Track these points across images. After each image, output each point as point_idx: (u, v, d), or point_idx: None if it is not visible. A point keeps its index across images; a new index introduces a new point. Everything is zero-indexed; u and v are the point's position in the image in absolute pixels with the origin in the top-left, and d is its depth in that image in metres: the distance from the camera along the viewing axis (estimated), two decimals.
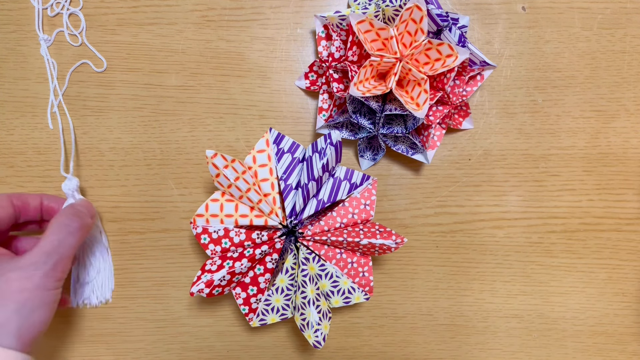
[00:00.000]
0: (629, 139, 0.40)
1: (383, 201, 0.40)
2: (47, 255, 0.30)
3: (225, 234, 0.34)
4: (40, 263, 0.29)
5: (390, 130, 0.36)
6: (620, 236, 0.40)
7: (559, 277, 0.41)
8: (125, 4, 0.40)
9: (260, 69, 0.40)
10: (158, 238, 0.40)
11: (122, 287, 0.40)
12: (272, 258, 0.35)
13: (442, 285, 0.41)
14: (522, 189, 0.40)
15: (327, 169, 0.34)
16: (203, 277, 0.33)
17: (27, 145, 0.40)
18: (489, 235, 0.40)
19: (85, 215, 0.34)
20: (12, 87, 0.40)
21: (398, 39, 0.33)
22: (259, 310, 0.36)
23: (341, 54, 0.36)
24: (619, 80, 0.40)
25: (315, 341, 0.34)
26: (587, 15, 0.40)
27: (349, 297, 0.36)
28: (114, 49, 0.40)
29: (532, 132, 0.40)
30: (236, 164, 0.33)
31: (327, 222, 0.35)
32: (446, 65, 0.33)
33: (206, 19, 0.40)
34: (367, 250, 0.35)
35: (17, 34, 0.40)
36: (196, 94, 0.40)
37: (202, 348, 0.40)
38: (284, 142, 0.36)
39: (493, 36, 0.40)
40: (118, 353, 0.40)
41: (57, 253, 0.30)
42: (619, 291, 0.41)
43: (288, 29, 0.40)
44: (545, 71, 0.40)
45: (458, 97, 0.37)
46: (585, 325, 0.41)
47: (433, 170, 0.40)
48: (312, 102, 0.40)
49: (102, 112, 0.40)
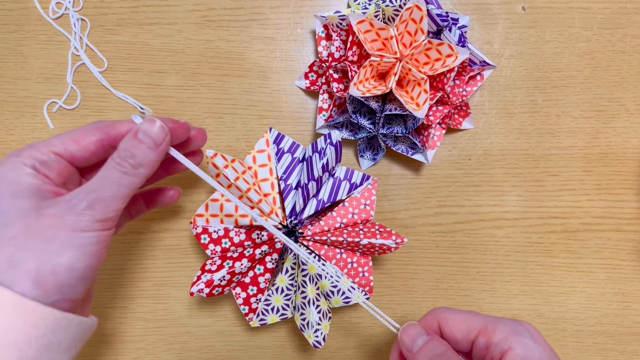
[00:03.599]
0: (629, 139, 0.40)
1: (383, 201, 0.40)
2: (87, 193, 0.26)
3: (225, 234, 0.34)
4: (76, 200, 0.25)
5: (390, 130, 0.37)
6: (620, 236, 0.40)
7: (559, 277, 0.41)
8: (125, 4, 0.40)
9: (260, 69, 0.40)
10: (158, 238, 0.40)
11: (122, 287, 0.40)
12: (272, 258, 0.35)
13: (442, 285, 0.41)
14: (522, 189, 0.40)
15: (327, 169, 0.34)
16: (203, 277, 0.33)
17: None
18: (489, 235, 0.40)
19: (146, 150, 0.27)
20: (12, 87, 0.40)
21: (398, 39, 0.33)
22: (259, 310, 0.36)
23: (341, 54, 0.36)
24: (619, 80, 0.40)
25: (315, 341, 0.34)
26: (587, 15, 0.40)
27: (349, 297, 0.36)
28: (114, 49, 0.40)
29: (532, 132, 0.40)
30: (236, 164, 0.33)
31: (327, 222, 0.35)
32: (446, 65, 0.33)
33: (206, 19, 0.40)
34: (367, 250, 0.35)
35: (17, 34, 0.40)
36: (196, 94, 0.40)
37: (202, 348, 0.40)
38: (283, 142, 0.36)
39: (493, 36, 0.40)
40: (118, 353, 0.40)
41: (99, 191, 0.26)
42: (619, 291, 0.41)
43: (288, 29, 0.40)
44: (545, 71, 0.40)
45: (458, 97, 0.37)
46: (585, 325, 0.41)
47: (433, 170, 0.40)
48: (312, 102, 0.40)
49: (102, 112, 0.40)
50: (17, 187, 0.25)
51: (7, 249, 0.24)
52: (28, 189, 0.26)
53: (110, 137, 0.29)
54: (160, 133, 0.28)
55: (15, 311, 0.23)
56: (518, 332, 0.28)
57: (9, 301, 0.23)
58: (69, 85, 0.40)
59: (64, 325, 0.25)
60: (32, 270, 0.24)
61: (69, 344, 0.26)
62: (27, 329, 0.23)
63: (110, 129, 0.29)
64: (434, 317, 0.31)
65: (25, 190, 0.25)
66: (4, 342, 0.23)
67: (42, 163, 0.27)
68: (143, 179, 0.28)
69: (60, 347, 0.25)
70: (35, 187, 0.26)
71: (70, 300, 0.26)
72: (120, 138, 0.28)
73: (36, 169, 0.26)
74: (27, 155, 0.27)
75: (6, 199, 0.25)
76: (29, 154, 0.27)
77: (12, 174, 0.26)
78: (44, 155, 0.27)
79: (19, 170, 0.26)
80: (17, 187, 0.25)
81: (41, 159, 0.27)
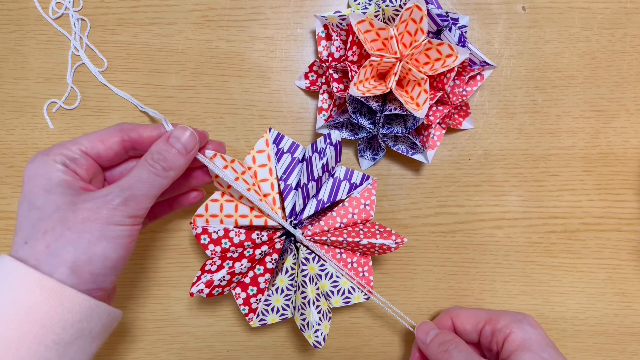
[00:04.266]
0: (629, 139, 0.40)
1: (383, 201, 0.40)
2: (121, 190, 0.27)
3: (225, 234, 0.34)
4: (111, 196, 0.27)
5: (390, 130, 0.36)
6: (620, 236, 0.40)
7: (559, 277, 0.41)
8: (125, 4, 0.40)
9: (260, 69, 0.40)
10: (158, 238, 0.40)
11: (122, 287, 0.40)
12: (272, 258, 0.35)
13: (442, 285, 0.41)
14: (522, 189, 0.40)
15: (327, 169, 0.34)
16: (203, 278, 0.33)
17: (27, 145, 0.40)
18: (489, 235, 0.40)
19: (176, 155, 0.29)
20: (12, 87, 0.40)
21: (398, 38, 0.33)
22: (259, 310, 0.36)
23: (341, 54, 0.36)
24: (619, 80, 0.40)
25: (315, 341, 0.34)
26: (587, 15, 0.40)
27: (349, 297, 0.36)
28: (114, 49, 0.40)
29: (532, 132, 0.40)
30: (236, 164, 0.33)
31: (327, 222, 0.35)
32: (446, 65, 0.33)
33: (206, 19, 0.40)
34: (367, 250, 0.35)
35: (17, 34, 0.40)
36: (196, 94, 0.40)
37: (202, 348, 0.40)
38: (283, 142, 0.36)
39: (493, 36, 0.40)
40: (118, 353, 0.40)
41: (132, 189, 0.28)
42: (619, 291, 0.41)
43: (288, 29, 0.40)
44: (545, 71, 0.40)
45: (458, 97, 0.37)
46: (585, 325, 0.41)
47: (433, 170, 0.40)
48: (312, 102, 0.40)
49: (102, 112, 0.40)
50: (50, 183, 0.27)
51: (46, 239, 0.26)
52: (60, 184, 0.27)
53: (132, 139, 0.31)
54: (191, 140, 0.30)
55: (55, 297, 0.25)
56: (518, 320, 0.33)
57: (50, 288, 0.25)
58: (69, 85, 0.40)
59: (97, 313, 0.27)
60: (69, 259, 0.26)
61: (98, 332, 0.28)
62: (65, 314, 0.25)
63: (132, 131, 0.31)
64: (447, 316, 0.36)
65: (58, 186, 0.27)
66: (45, 324, 0.25)
67: (72, 160, 0.28)
68: (171, 181, 0.30)
69: (91, 334, 0.27)
70: (67, 183, 0.27)
71: (102, 289, 0.28)
72: (141, 141, 0.31)
73: (66, 166, 0.28)
74: (57, 153, 0.28)
75: (40, 195, 0.27)
76: (58, 151, 0.28)
77: (43, 171, 0.27)
78: (73, 152, 0.29)
79: (50, 167, 0.28)
80: (49, 184, 0.27)
81: (71, 156, 0.28)
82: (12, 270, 0.25)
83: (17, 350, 0.24)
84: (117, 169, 0.33)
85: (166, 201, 0.36)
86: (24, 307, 0.25)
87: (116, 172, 0.33)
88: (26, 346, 0.24)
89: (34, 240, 0.26)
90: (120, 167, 0.33)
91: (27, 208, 0.27)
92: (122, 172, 0.33)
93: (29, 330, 0.24)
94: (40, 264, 0.26)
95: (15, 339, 0.24)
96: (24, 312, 0.24)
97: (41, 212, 0.27)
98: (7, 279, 0.25)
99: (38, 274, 0.25)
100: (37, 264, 0.26)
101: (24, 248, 0.26)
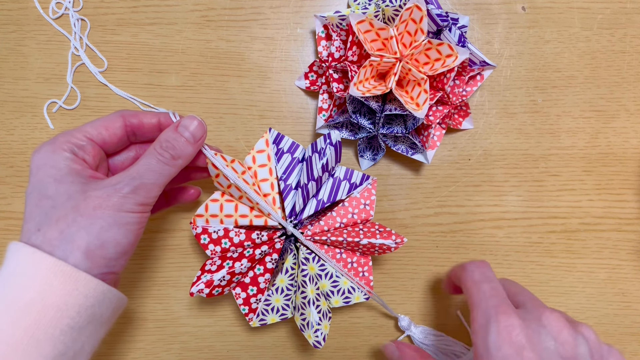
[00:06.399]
0: (629, 139, 0.40)
1: (383, 201, 0.40)
2: (131, 178, 0.28)
3: (225, 234, 0.34)
4: (121, 184, 0.28)
5: (390, 130, 0.36)
6: (620, 236, 0.40)
7: (559, 277, 0.41)
8: (125, 4, 0.40)
9: (260, 69, 0.40)
10: (158, 238, 0.40)
11: (122, 287, 0.40)
12: (271, 258, 0.35)
13: (442, 285, 0.41)
14: (522, 189, 0.40)
15: (327, 169, 0.34)
16: (203, 278, 0.33)
17: (27, 145, 0.40)
18: (489, 235, 0.40)
19: (185, 143, 0.30)
20: (12, 87, 0.40)
21: (398, 39, 0.33)
22: (259, 310, 0.36)
23: (341, 54, 0.36)
24: (619, 80, 0.40)
25: (315, 341, 0.34)
26: (587, 15, 0.40)
27: (349, 297, 0.36)
28: (114, 49, 0.40)
29: (532, 132, 0.40)
30: (236, 164, 0.33)
31: (327, 222, 0.35)
32: (446, 65, 0.33)
33: (206, 19, 0.40)
34: (367, 250, 0.35)
35: (17, 34, 0.40)
36: (196, 94, 0.40)
37: (202, 348, 0.40)
38: (283, 142, 0.36)
39: (493, 36, 0.40)
40: (118, 353, 0.40)
41: (142, 178, 0.28)
42: (619, 291, 0.41)
43: (288, 29, 0.40)
44: (545, 71, 0.40)
45: (458, 97, 0.37)
46: None
47: (433, 170, 0.40)
48: (312, 102, 0.40)
49: (102, 112, 0.40)
50: (60, 172, 0.27)
51: (59, 226, 0.26)
52: (70, 173, 0.27)
53: (133, 124, 0.31)
54: (200, 129, 0.30)
55: (71, 282, 0.26)
56: None
57: (65, 272, 0.25)
58: (69, 85, 0.40)
59: (108, 297, 0.28)
60: (83, 245, 0.26)
61: (108, 316, 0.28)
62: (80, 299, 0.26)
63: (133, 117, 0.31)
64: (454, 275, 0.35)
65: (68, 175, 0.27)
66: (61, 307, 0.25)
67: (80, 147, 0.29)
68: (178, 170, 0.30)
69: (102, 319, 0.28)
70: (76, 172, 0.28)
71: (114, 272, 0.28)
72: (142, 127, 0.31)
73: (75, 154, 0.28)
74: (63, 141, 0.28)
75: (51, 185, 0.27)
76: (65, 139, 0.28)
77: (52, 160, 0.28)
78: (80, 140, 0.29)
79: (58, 156, 0.28)
80: (59, 173, 0.27)
81: (78, 144, 0.29)
82: (27, 256, 0.26)
83: (34, 333, 0.24)
84: (118, 156, 0.33)
85: (163, 195, 0.36)
86: (40, 292, 0.25)
87: (118, 160, 0.33)
88: (43, 329, 0.25)
89: (47, 227, 0.26)
90: (122, 155, 0.33)
91: (38, 197, 0.27)
92: (123, 159, 0.33)
93: (45, 314, 0.25)
94: (55, 250, 0.26)
95: (32, 323, 0.24)
96: (40, 297, 0.25)
97: (54, 201, 0.27)
98: (23, 265, 0.25)
99: (53, 259, 0.25)
100: (51, 249, 0.26)
101: (37, 235, 0.26)
